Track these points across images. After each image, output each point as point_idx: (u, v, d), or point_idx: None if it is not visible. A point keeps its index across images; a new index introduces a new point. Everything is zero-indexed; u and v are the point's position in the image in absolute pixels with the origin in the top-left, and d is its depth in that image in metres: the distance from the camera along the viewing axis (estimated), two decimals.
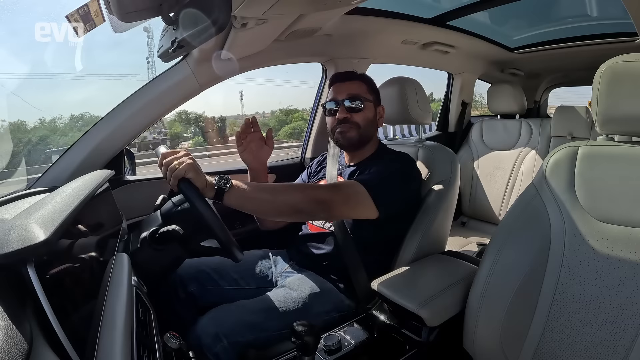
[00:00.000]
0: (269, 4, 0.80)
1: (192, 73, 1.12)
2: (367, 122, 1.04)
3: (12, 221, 0.42)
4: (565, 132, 1.88)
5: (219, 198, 0.73)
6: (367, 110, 1.04)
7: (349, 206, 0.88)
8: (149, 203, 0.95)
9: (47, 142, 8.71)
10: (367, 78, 1.09)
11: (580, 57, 1.86)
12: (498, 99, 2.04)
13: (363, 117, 1.03)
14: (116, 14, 0.67)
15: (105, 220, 0.76)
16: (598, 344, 0.64)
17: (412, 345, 0.82)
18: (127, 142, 1.13)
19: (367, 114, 1.04)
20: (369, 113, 1.04)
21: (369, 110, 1.04)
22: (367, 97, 1.04)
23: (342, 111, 1.02)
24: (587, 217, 0.69)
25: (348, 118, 1.02)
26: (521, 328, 0.72)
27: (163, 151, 0.76)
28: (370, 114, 1.05)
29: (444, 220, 1.04)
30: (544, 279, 0.70)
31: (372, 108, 1.06)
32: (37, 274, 0.37)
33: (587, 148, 0.72)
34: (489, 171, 2.00)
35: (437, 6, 1.45)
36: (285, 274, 1.05)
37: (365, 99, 1.03)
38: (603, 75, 0.69)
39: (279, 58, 1.35)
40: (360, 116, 1.02)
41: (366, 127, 1.04)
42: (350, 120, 1.02)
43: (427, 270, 0.95)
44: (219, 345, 0.79)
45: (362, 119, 1.03)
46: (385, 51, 1.62)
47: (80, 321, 0.45)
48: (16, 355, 0.28)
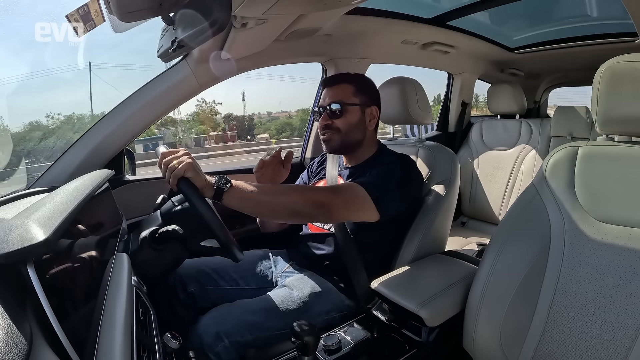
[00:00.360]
0: (269, 4, 0.80)
1: (192, 73, 1.12)
2: (350, 126, 1.01)
3: (12, 221, 0.42)
4: (565, 132, 1.88)
5: (218, 198, 0.73)
6: (350, 115, 1.01)
7: (349, 209, 0.87)
8: (149, 203, 0.95)
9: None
10: (357, 79, 1.05)
11: (580, 57, 1.86)
12: (498, 99, 2.04)
13: (344, 122, 1.01)
14: (116, 14, 0.67)
15: (105, 220, 0.76)
16: (598, 344, 0.64)
17: (412, 345, 0.82)
18: (127, 142, 1.13)
19: (350, 118, 1.01)
20: (352, 117, 1.01)
21: (352, 115, 1.01)
22: (351, 101, 1.01)
23: (324, 117, 1.02)
24: (587, 217, 0.69)
25: (330, 124, 1.01)
26: (521, 328, 0.72)
27: (162, 150, 0.76)
28: (353, 118, 1.02)
29: (444, 220, 1.04)
30: (544, 279, 0.70)
31: (357, 111, 1.02)
32: (37, 273, 0.37)
33: (587, 148, 0.72)
34: (489, 171, 2.00)
35: (437, 6, 1.46)
36: (285, 274, 1.05)
37: (349, 103, 1.01)
38: (603, 75, 0.69)
39: (279, 58, 1.35)
40: (341, 121, 1.01)
41: (349, 132, 1.01)
42: (331, 126, 1.01)
43: (427, 270, 0.95)
44: (220, 345, 0.79)
45: (343, 124, 1.01)
46: (385, 51, 1.62)
47: (80, 321, 0.45)
48: (16, 355, 0.28)
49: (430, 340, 0.82)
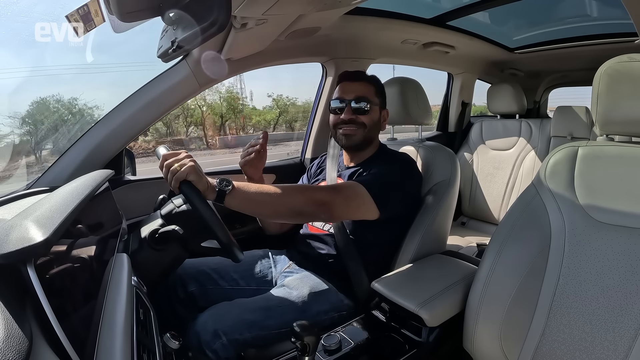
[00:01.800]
0: (269, 4, 0.80)
1: (192, 73, 1.12)
2: (373, 124, 1.04)
3: (12, 221, 0.42)
4: (565, 132, 1.87)
5: (220, 200, 0.73)
6: (373, 113, 1.04)
7: (350, 207, 0.88)
8: (149, 203, 0.95)
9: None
10: (376, 80, 1.09)
11: (580, 57, 1.86)
12: (498, 99, 2.03)
13: (369, 119, 1.03)
14: (116, 14, 0.67)
15: (105, 220, 0.76)
16: (598, 344, 0.64)
17: (412, 346, 0.82)
18: (127, 142, 1.13)
19: (373, 116, 1.04)
20: (375, 115, 1.05)
21: (375, 113, 1.05)
22: (374, 100, 1.04)
23: (348, 111, 1.02)
24: (587, 217, 0.69)
25: (354, 119, 1.02)
26: (521, 328, 0.72)
27: (164, 152, 0.76)
28: (375, 116, 1.05)
29: (443, 220, 1.04)
30: (544, 279, 0.70)
31: (378, 111, 1.06)
32: (37, 273, 0.36)
33: (587, 148, 0.72)
34: (489, 171, 2.00)
35: (437, 6, 1.46)
36: (285, 274, 1.05)
37: (372, 102, 1.03)
38: (603, 75, 0.69)
39: (279, 58, 1.35)
40: (366, 118, 1.03)
41: (371, 129, 1.04)
42: (356, 121, 1.02)
43: (427, 270, 0.95)
44: (217, 342, 0.79)
45: (369, 121, 1.03)
46: (385, 51, 1.62)
47: (80, 321, 0.45)
48: (16, 355, 0.28)
49: (430, 341, 0.82)
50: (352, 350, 0.79)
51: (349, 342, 0.80)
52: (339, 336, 0.81)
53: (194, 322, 0.82)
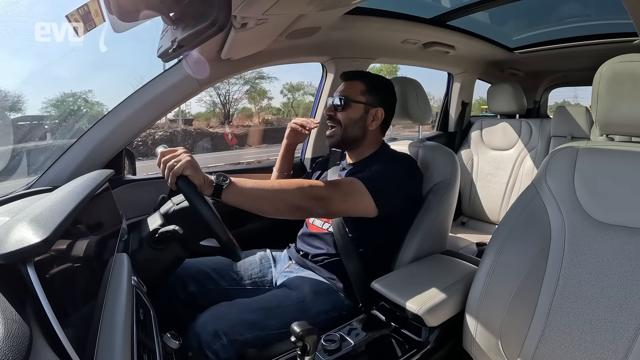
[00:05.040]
0: (269, 3, 0.80)
1: (191, 73, 1.12)
2: (350, 121, 1.03)
3: (12, 221, 0.42)
4: (565, 132, 1.87)
5: (217, 195, 0.73)
6: (352, 111, 1.03)
7: (348, 203, 0.88)
8: (149, 203, 0.95)
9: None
10: (370, 78, 1.07)
11: (580, 57, 1.86)
12: (498, 99, 2.03)
13: (344, 116, 1.03)
14: (116, 13, 0.67)
15: (105, 220, 0.76)
16: (598, 344, 0.64)
17: (412, 345, 0.82)
18: (127, 141, 1.13)
19: (350, 114, 1.03)
20: (354, 113, 1.03)
21: (355, 111, 1.03)
22: (357, 99, 1.03)
23: (330, 108, 1.05)
24: (587, 217, 0.69)
25: (332, 115, 1.05)
26: (521, 328, 0.72)
27: (162, 150, 0.76)
28: (355, 114, 1.03)
29: (444, 220, 1.04)
30: (544, 278, 0.70)
31: (360, 109, 1.03)
32: (37, 273, 0.37)
33: (587, 148, 0.72)
34: (489, 171, 2.00)
35: (437, 6, 1.45)
36: (284, 273, 1.05)
37: (353, 100, 1.03)
38: (603, 75, 0.69)
39: (279, 58, 1.35)
40: (342, 115, 1.03)
41: (348, 126, 1.03)
42: (334, 117, 1.04)
43: (427, 270, 0.94)
44: (218, 343, 0.79)
45: (344, 118, 1.03)
46: (386, 51, 1.62)
47: (80, 321, 0.45)
48: (16, 355, 0.28)
49: (430, 340, 0.81)
50: (352, 350, 0.79)
51: (349, 342, 0.80)
52: (339, 336, 0.81)
53: (194, 323, 0.82)
